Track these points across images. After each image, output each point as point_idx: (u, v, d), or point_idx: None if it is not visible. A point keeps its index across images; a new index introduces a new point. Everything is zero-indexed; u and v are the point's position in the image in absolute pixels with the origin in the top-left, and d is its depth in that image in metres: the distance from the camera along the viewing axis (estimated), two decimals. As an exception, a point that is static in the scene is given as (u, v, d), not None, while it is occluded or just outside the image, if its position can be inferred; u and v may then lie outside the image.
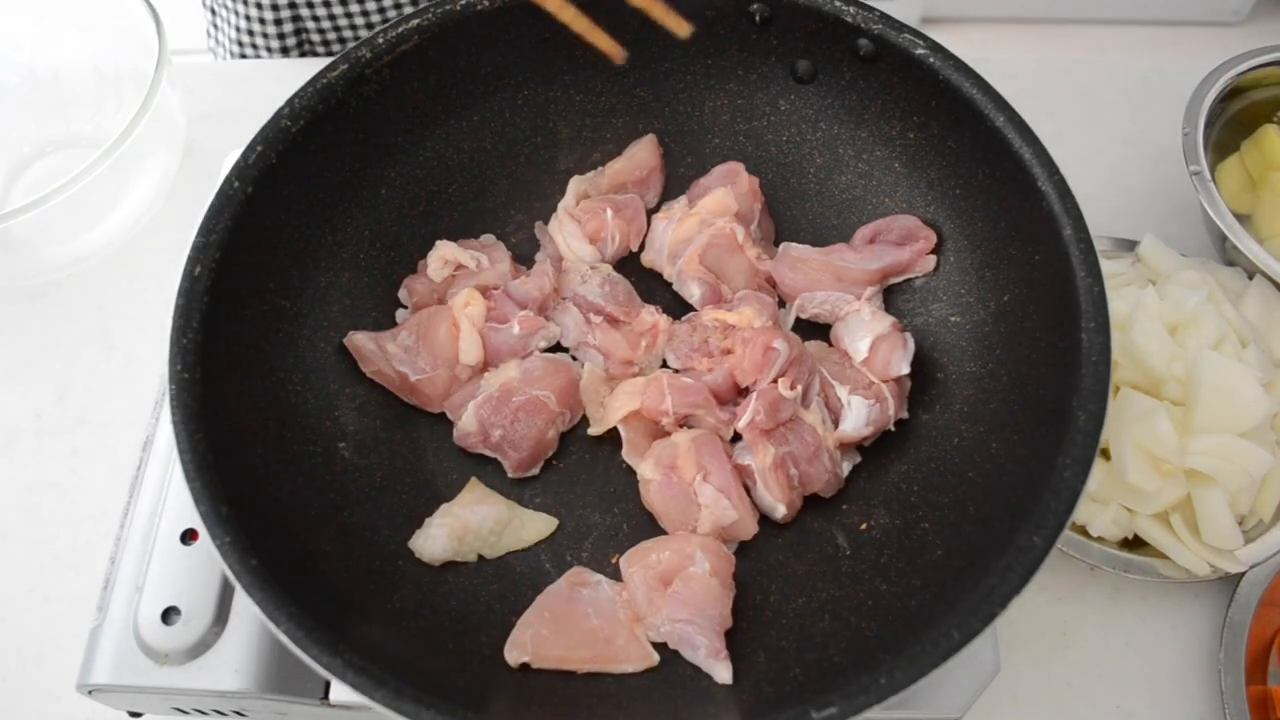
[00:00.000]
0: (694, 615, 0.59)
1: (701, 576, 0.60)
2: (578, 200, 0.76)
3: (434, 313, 0.70)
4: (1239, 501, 0.71)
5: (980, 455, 0.62)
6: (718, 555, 0.62)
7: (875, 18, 0.67)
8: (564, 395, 0.69)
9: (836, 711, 0.47)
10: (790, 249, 0.74)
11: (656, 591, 0.60)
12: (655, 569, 0.61)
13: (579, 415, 0.70)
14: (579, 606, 0.61)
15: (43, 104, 0.96)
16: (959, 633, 0.49)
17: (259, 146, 0.63)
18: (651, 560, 0.62)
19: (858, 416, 0.66)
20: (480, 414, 0.67)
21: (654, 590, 0.60)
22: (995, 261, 0.67)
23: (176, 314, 0.58)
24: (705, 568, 0.60)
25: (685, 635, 0.59)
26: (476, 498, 0.66)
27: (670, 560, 0.61)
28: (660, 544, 0.63)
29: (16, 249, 0.85)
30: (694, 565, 0.61)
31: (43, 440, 0.84)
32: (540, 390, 0.68)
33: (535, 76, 0.75)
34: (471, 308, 0.70)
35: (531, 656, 0.58)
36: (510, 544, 0.65)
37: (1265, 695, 0.68)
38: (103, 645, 0.60)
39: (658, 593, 0.60)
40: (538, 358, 0.70)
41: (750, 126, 0.77)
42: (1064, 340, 0.57)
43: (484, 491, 0.67)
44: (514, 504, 0.67)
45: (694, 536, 0.63)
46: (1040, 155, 0.61)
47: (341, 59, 0.66)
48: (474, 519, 0.64)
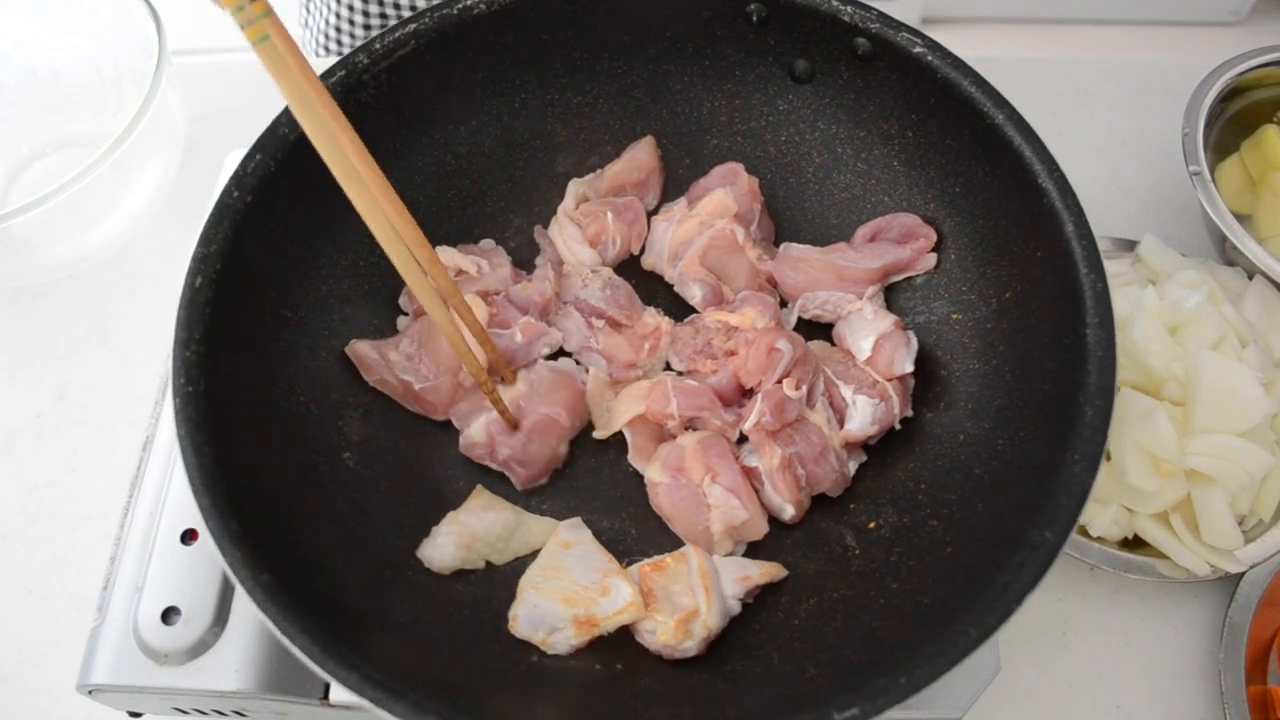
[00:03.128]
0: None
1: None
2: (577, 203, 0.76)
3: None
4: (1239, 501, 0.71)
5: (986, 452, 0.63)
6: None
7: (873, 17, 0.67)
8: (572, 408, 0.68)
9: (858, 712, 0.47)
10: (791, 249, 0.74)
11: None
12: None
13: (585, 422, 0.70)
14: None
15: (43, 104, 0.96)
16: (976, 630, 0.49)
17: (257, 155, 0.62)
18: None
19: (863, 415, 0.66)
20: (491, 429, 0.67)
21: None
22: (996, 258, 0.67)
23: (179, 326, 0.57)
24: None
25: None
26: (483, 504, 0.66)
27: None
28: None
29: (16, 249, 0.85)
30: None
31: (43, 440, 0.84)
32: (550, 408, 0.68)
33: (532, 80, 0.75)
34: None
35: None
36: (518, 549, 0.65)
37: (1265, 695, 0.68)
38: (103, 645, 0.60)
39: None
40: (543, 367, 0.70)
41: (748, 127, 0.77)
42: (1067, 336, 0.58)
43: (490, 498, 0.66)
44: (521, 510, 0.67)
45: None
46: (1040, 152, 0.61)
47: (339, 65, 0.66)
48: (481, 526, 0.64)
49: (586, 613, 0.59)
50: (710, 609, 0.59)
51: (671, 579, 0.61)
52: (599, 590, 0.60)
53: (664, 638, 0.59)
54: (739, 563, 0.63)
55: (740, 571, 0.62)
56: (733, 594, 0.61)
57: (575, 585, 0.61)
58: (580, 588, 0.60)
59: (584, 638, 0.59)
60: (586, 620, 0.59)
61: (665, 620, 0.59)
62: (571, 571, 0.61)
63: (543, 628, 0.59)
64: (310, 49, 1.23)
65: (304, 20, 1.23)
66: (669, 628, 0.59)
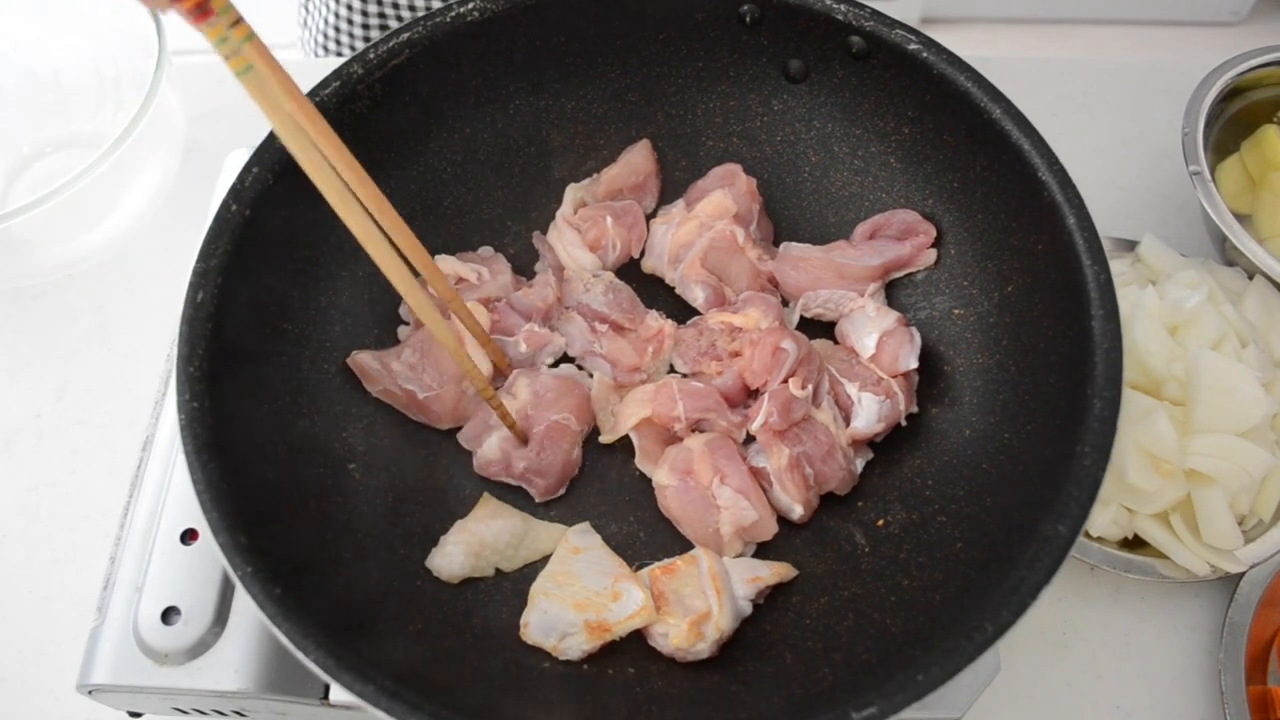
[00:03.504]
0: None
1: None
2: (575, 209, 0.76)
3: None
4: (1239, 501, 0.71)
5: (993, 446, 0.63)
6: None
7: (866, 15, 0.67)
8: (580, 413, 0.68)
9: (876, 711, 0.47)
10: (791, 248, 0.74)
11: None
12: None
13: (592, 425, 0.70)
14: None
15: (43, 104, 0.96)
16: (992, 625, 0.49)
17: (255, 168, 0.62)
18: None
19: (869, 413, 0.66)
20: (504, 446, 0.67)
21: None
22: (997, 253, 0.67)
23: (181, 341, 0.57)
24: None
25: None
26: (491, 512, 0.66)
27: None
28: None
29: (16, 249, 0.85)
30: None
31: (43, 440, 0.84)
32: (558, 414, 0.67)
33: (527, 86, 0.74)
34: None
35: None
36: (527, 555, 0.65)
37: (1265, 695, 0.68)
38: (103, 645, 0.60)
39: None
40: (546, 375, 0.70)
41: (744, 128, 0.77)
42: (1072, 329, 0.58)
43: (498, 505, 0.66)
44: (529, 516, 0.66)
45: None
46: (1039, 145, 0.61)
47: (333, 76, 0.66)
48: (490, 534, 0.64)
49: (598, 618, 0.59)
50: (722, 610, 0.59)
51: (682, 581, 0.61)
52: (610, 595, 0.60)
53: (676, 641, 0.59)
54: (749, 563, 0.63)
55: (751, 572, 0.62)
56: (744, 595, 0.61)
57: (586, 591, 0.60)
58: (591, 593, 0.60)
59: (595, 643, 0.59)
60: (598, 625, 0.59)
61: (677, 623, 0.59)
62: (582, 577, 0.61)
63: (554, 634, 0.59)
64: (309, 49, 1.23)
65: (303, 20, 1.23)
66: (681, 630, 0.59)
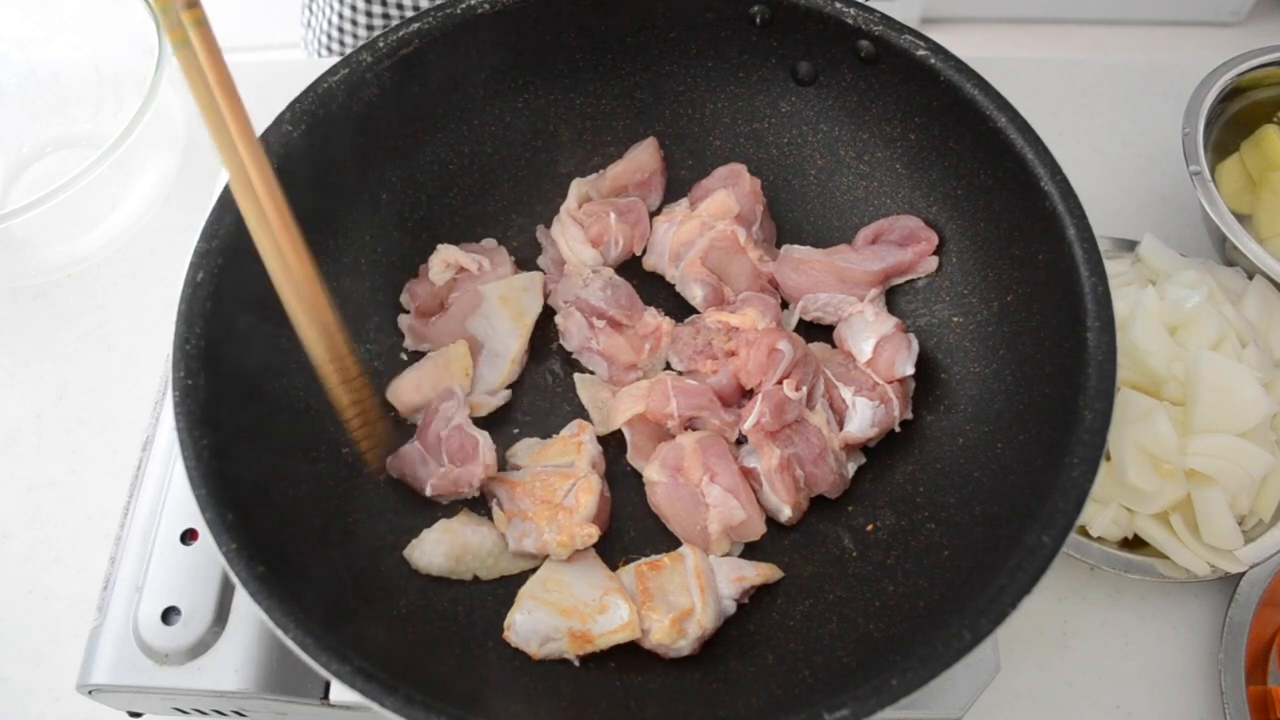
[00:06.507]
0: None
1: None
2: (580, 203, 0.76)
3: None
4: (1239, 501, 0.71)
5: (985, 455, 0.62)
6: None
7: (876, 19, 0.67)
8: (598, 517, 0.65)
9: (849, 713, 0.47)
10: (792, 250, 0.74)
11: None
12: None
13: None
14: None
15: (43, 104, 0.96)
16: (970, 633, 0.49)
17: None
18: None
19: (863, 417, 0.66)
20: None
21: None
22: (998, 262, 0.67)
23: (179, 320, 0.57)
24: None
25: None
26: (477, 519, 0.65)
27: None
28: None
29: (16, 249, 0.85)
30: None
31: (43, 440, 0.84)
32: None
33: (535, 80, 0.75)
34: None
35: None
36: (506, 568, 0.65)
37: (1265, 695, 0.68)
38: (103, 645, 0.60)
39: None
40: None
41: (751, 128, 0.77)
42: (1068, 340, 0.58)
43: (480, 519, 0.66)
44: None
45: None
46: (1043, 155, 0.61)
47: (342, 64, 0.66)
48: (475, 539, 0.64)
49: (583, 627, 0.59)
50: (705, 609, 0.59)
51: (668, 578, 0.61)
52: (598, 608, 0.60)
53: (658, 636, 0.59)
54: (735, 563, 0.63)
55: (736, 572, 0.62)
56: (728, 594, 0.61)
57: (575, 599, 0.61)
58: (580, 602, 0.60)
59: (577, 652, 0.59)
60: (582, 635, 0.59)
61: (660, 619, 0.59)
62: (573, 586, 0.61)
63: (536, 639, 0.59)
64: (312, 49, 1.23)
65: (306, 20, 1.23)
66: (664, 626, 0.59)
